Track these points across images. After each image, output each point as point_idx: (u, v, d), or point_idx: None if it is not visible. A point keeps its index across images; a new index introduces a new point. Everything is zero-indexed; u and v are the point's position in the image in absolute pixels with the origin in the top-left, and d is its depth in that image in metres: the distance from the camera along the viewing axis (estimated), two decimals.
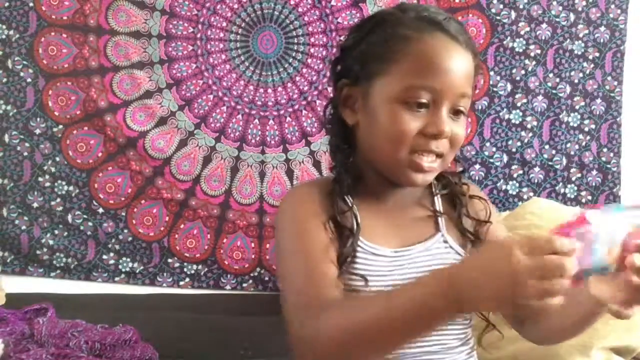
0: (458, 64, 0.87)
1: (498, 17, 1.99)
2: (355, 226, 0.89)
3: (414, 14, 0.89)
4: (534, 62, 2.00)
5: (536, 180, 2.03)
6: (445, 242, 0.95)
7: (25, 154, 1.96)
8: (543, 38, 2.00)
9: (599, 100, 2.02)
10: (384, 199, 0.94)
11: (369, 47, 0.90)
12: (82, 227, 1.97)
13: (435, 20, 0.88)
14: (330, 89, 1.96)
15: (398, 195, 0.95)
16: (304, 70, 1.99)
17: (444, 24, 0.87)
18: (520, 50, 2.00)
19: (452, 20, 0.89)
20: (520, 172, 2.03)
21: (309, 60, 1.99)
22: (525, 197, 2.02)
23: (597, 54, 2.00)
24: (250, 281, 2.00)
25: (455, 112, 0.88)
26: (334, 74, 0.97)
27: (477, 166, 2.02)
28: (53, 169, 1.96)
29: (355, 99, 0.92)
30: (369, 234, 0.90)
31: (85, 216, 1.97)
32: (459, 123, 0.89)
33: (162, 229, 1.99)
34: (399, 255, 0.91)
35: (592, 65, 2.01)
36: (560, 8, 1.99)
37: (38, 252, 1.96)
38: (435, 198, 0.99)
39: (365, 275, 0.87)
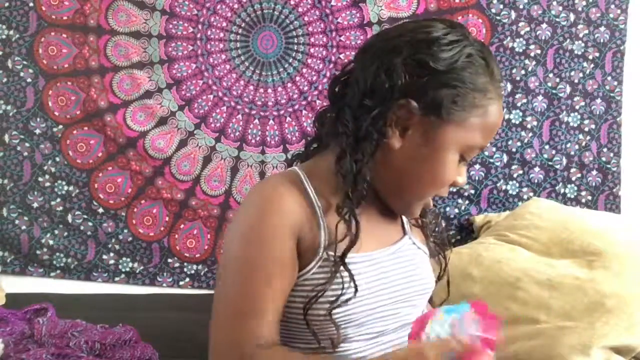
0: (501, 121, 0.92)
1: (498, 17, 1.99)
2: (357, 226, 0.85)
3: (495, 68, 0.88)
4: (534, 62, 2.00)
5: (536, 180, 2.03)
6: (414, 243, 0.97)
7: (25, 154, 1.96)
8: (543, 38, 2.00)
9: (599, 100, 2.02)
10: (365, 207, 0.89)
11: (459, 86, 0.84)
12: (82, 227, 1.97)
13: (500, 79, 0.90)
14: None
15: (373, 205, 0.92)
16: (304, 70, 1.99)
17: (499, 82, 0.90)
18: (520, 50, 2.00)
19: (500, 70, 0.92)
20: (520, 172, 2.03)
21: (309, 60, 1.99)
22: (525, 197, 2.02)
23: (597, 54, 2.00)
24: None
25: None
26: (407, 84, 0.84)
27: (477, 166, 2.02)
28: (53, 169, 1.96)
29: (412, 124, 0.85)
30: (342, 243, 0.85)
31: (85, 216, 1.97)
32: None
33: (162, 229, 1.99)
34: (369, 259, 0.89)
35: (592, 65, 2.01)
36: (560, 8, 1.99)
37: (38, 252, 1.96)
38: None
39: (339, 282, 0.84)
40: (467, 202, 2.03)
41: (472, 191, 2.03)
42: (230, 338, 0.81)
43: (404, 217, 0.98)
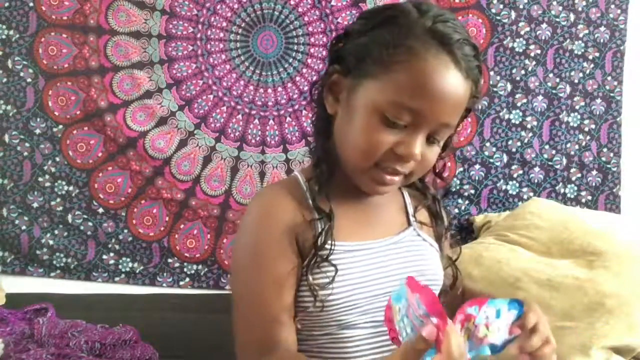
0: (451, 92, 0.81)
1: (498, 17, 1.99)
2: (326, 235, 0.86)
3: (430, 23, 0.81)
4: (534, 62, 2.00)
5: (536, 180, 2.03)
6: (418, 235, 0.96)
7: (25, 154, 1.96)
8: (543, 38, 2.00)
9: (599, 100, 2.02)
10: (354, 194, 0.91)
11: (371, 42, 0.83)
12: (82, 227, 1.97)
13: (447, 39, 0.81)
14: None
15: (370, 196, 0.92)
16: (304, 70, 1.99)
17: (454, 46, 0.81)
18: (520, 50, 2.00)
19: (466, 43, 0.82)
20: (520, 172, 2.03)
21: (309, 60, 1.99)
22: (525, 197, 2.02)
23: (597, 54, 2.00)
24: None
25: (429, 140, 0.84)
26: (331, 52, 0.90)
27: (477, 166, 2.02)
28: (53, 169, 1.96)
29: (341, 89, 0.86)
30: (338, 230, 0.87)
31: (85, 216, 1.97)
32: (433, 149, 0.86)
33: (162, 229, 1.99)
34: (368, 248, 0.90)
35: (592, 65, 2.01)
36: (560, 8, 1.99)
37: (38, 252, 1.96)
38: (404, 192, 1.00)
39: (337, 272, 0.85)
40: (467, 202, 2.03)
41: (472, 191, 2.03)
42: (252, 340, 0.86)
43: (409, 209, 0.97)
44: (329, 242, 0.85)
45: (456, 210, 2.03)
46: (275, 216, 0.86)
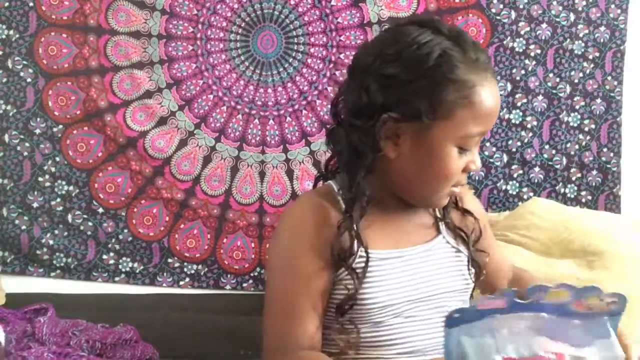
0: (499, 102, 0.92)
1: (498, 17, 1.99)
2: (358, 247, 0.91)
3: (473, 55, 0.88)
4: (534, 62, 2.00)
5: (536, 180, 2.03)
6: (448, 242, 0.99)
7: (25, 154, 1.96)
8: (543, 38, 2.00)
9: (599, 100, 2.02)
10: (387, 209, 0.96)
11: (435, 86, 0.86)
12: (82, 227, 1.97)
13: (486, 64, 0.90)
14: (330, 89, 1.96)
15: (401, 205, 0.97)
16: (304, 70, 1.99)
17: (488, 64, 0.90)
18: (520, 50, 2.00)
19: (487, 54, 0.92)
20: (520, 172, 2.03)
21: (309, 60, 1.99)
22: (525, 197, 2.02)
23: (597, 54, 2.00)
24: (250, 281, 2.00)
25: None
26: (386, 100, 0.88)
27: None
28: (53, 169, 1.96)
29: (402, 134, 0.89)
30: (372, 241, 0.92)
31: (85, 216, 1.97)
32: None
33: (162, 229, 1.99)
34: (402, 256, 0.94)
35: (592, 65, 2.01)
36: (560, 8, 1.99)
37: (38, 252, 1.96)
38: None
39: (375, 281, 0.91)
40: None
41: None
42: (276, 340, 0.90)
43: (439, 215, 1.01)
44: (359, 254, 0.90)
45: None
46: (309, 223, 0.92)
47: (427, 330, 0.93)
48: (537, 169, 2.03)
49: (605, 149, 2.03)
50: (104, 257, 1.98)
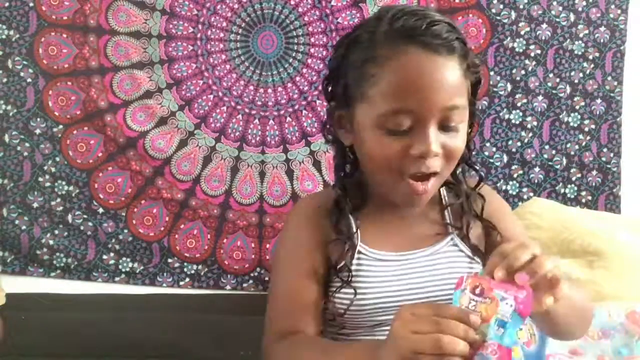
0: (437, 78, 0.80)
1: (498, 17, 1.99)
2: (355, 243, 0.92)
3: (388, 26, 0.82)
4: (534, 62, 2.00)
5: (536, 180, 2.03)
6: (455, 245, 0.94)
7: (25, 154, 1.96)
8: (543, 38, 2.00)
9: (599, 100, 2.02)
10: (388, 207, 0.93)
11: (348, 69, 0.87)
12: (82, 227, 1.97)
13: (409, 31, 0.81)
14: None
15: (401, 209, 0.95)
16: (304, 70, 1.99)
17: (420, 34, 0.81)
18: (520, 50, 2.00)
19: (431, 25, 0.81)
20: (520, 172, 2.03)
21: (309, 60, 1.99)
22: (525, 197, 2.02)
23: (597, 54, 2.00)
24: (250, 281, 2.00)
25: (445, 128, 0.84)
26: (325, 93, 0.96)
27: (477, 166, 2.01)
28: (53, 169, 1.96)
29: (344, 122, 0.91)
30: (372, 241, 0.92)
31: (85, 216, 1.97)
32: (454, 135, 0.85)
33: (162, 229, 1.99)
34: (404, 259, 0.92)
35: (592, 65, 2.01)
36: (561, 8, 1.99)
37: (38, 252, 1.96)
38: (445, 200, 0.99)
39: (372, 282, 0.90)
40: None
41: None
42: (274, 323, 0.91)
43: (447, 219, 0.96)
44: (352, 261, 0.90)
45: None
46: (309, 225, 0.93)
47: None
48: (537, 169, 2.03)
49: (605, 149, 2.03)
50: (104, 257, 1.98)
